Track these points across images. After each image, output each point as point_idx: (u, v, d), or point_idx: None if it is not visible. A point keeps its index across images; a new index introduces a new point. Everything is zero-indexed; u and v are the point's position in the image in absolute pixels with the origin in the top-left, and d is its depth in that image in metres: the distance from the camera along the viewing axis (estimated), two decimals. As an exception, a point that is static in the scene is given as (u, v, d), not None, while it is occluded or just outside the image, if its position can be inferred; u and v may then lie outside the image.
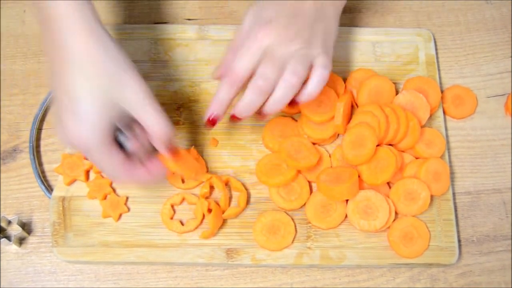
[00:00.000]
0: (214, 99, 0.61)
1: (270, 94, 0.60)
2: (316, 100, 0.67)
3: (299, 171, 0.67)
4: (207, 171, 0.67)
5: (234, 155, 0.70)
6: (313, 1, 0.62)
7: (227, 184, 0.68)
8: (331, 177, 0.65)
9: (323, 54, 0.62)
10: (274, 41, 0.59)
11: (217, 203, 0.66)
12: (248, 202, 0.67)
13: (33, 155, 0.70)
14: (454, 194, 0.69)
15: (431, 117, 0.72)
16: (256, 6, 0.62)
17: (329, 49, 0.63)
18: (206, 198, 0.66)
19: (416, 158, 0.69)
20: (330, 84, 0.70)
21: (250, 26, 0.61)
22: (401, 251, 0.65)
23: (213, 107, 0.61)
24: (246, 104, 0.60)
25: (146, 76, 0.72)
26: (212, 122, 0.61)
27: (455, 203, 0.69)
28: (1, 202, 0.68)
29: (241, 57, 0.59)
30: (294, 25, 0.60)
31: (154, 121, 0.56)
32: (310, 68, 0.61)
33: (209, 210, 0.65)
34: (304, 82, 0.61)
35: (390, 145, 0.68)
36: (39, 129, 0.72)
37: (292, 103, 0.62)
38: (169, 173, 0.62)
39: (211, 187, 0.67)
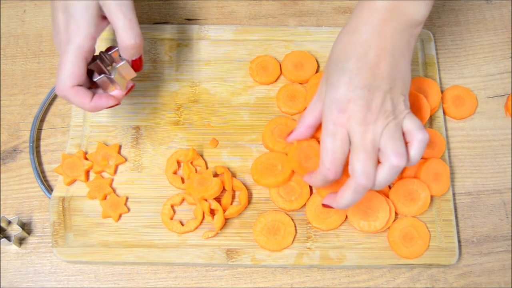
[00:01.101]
0: (310, 182, 0.62)
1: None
2: None
3: (293, 172, 0.67)
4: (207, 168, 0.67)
5: (234, 155, 0.70)
6: (387, 60, 0.55)
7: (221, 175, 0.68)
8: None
9: (410, 114, 0.57)
10: (358, 125, 0.55)
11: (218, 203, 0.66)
12: (249, 201, 0.67)
13: (33, 155, 0.70)
14: (454, 194, 0.69)
15: (431, 117, 0.72)
16: (326, 84, 0.58)
17: (408, 105, 0.58)
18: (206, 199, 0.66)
19: (416, 159, 0.69)
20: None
21: (325, 111, 0.57)
22: (401, 252, 0.65)
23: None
24: (348, 203, 0.57)
25: (146, 76, 0.73)
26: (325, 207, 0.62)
27: (455, 204, 0.69)
28: (1, 202, 0.68)
29: (330, 155, 0.56)
30: (374, 99, 0.55)
31: (123, 27, 0.58)
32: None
33: (211, 211, 0.65)
34: None
35: (390, 145, 0.68)
36: (39, 129, 0.72)
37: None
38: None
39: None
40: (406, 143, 0.57)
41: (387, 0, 0.55)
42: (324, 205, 0.61)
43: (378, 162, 0.56)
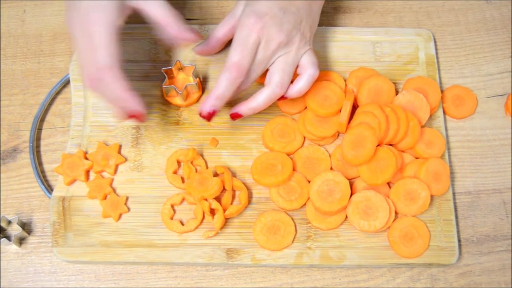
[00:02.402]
0: (215, 93, 0.62)
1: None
2: (321, 95, 0.68)
3: (293, 172, 0.67)
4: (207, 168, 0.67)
5: (234, 155, 0.70)
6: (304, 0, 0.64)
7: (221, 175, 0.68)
8: (325, 192, 0.65)
9: (311, 52, 0.65)
10: (267, 36, 0.61)
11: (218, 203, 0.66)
12: (249, 200, 0.67)
13: (33, 155, 0.70)
14: (454, 194, 0.69)
15: (431, 117, 0.72)
16: (247, 1, 0.64)
17: (311, 43, 0.67)
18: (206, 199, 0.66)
19: (416, 158, 0.69)
20: (332, 81, 0.70)
21: (242, 17, 0.62)
22: (401, 251, 0.65)
23: (212, 101, 0.62)
24: (260, 107, 0.64)
25: (146, 76, 0.73)
26: (210, 116, 0.63)
27: (455, 203, 0.69)
28: (1, 202, 0.68)
29: (240, 51, 0.60)
30: (286, 22, 0.62)
31: (157, 10, 0.60)
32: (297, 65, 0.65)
33: (211, 210, 0.65)
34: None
35: (390, 145, 0.68)
36: (39, 129, 0.72)
37: (280, 97, 0.65)
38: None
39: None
40: (296, 75, 0.65)
41: None
42: (234, 115, 0.65)
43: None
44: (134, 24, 0.76)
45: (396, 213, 0.66)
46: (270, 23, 0.61)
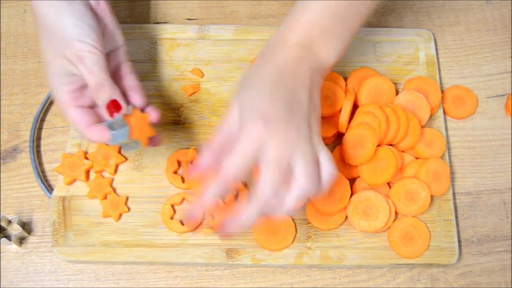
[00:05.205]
0: (199, 198, 0.54)
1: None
2: (322, 95, 0.67)
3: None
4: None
5: (234, 155, 0.70)
6: (306, 90, 0.55)
7: None
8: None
9: (325, 150, 0.54)
10: (273, 141, 0.51)
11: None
12: (248, 201, 0.67)
13: (33, 154, 0.70)
14: (454, 194, 0.69)
15: (431, 117, 0.72)
16: (244, 94, 0.54)
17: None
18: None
19: (416, 158, 0.69)
20: (333, 81, 0.70)
21: (242, 119, 0.53)
22: (401, 251, 0.65)
23: (195, 206, 0.55)
24: (249, 217, 0.52)
25: (146, 76, 0.73)
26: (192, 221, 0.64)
27: (455, 203, 0.69)
28: (1, 201, 0.68)
29: (234, 156, 0.51)
30: (293, 122, 0.52)
31: (88, 75, 0.57)
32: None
33: (210, 210, 0.65)
34: None
35: (390, 145, 0.68)
36: (39, 129, 0.72)
37: None
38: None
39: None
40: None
41: (300, 38, 0.56)
42: (220, 229, 0.54)
43: None
44: (134, 24, 0.77)
45: (396, 213, 0.66)
46: (276, 124, 0.52)
